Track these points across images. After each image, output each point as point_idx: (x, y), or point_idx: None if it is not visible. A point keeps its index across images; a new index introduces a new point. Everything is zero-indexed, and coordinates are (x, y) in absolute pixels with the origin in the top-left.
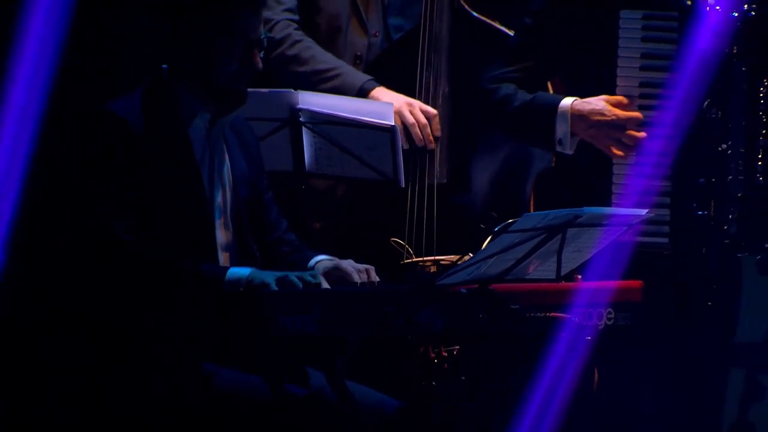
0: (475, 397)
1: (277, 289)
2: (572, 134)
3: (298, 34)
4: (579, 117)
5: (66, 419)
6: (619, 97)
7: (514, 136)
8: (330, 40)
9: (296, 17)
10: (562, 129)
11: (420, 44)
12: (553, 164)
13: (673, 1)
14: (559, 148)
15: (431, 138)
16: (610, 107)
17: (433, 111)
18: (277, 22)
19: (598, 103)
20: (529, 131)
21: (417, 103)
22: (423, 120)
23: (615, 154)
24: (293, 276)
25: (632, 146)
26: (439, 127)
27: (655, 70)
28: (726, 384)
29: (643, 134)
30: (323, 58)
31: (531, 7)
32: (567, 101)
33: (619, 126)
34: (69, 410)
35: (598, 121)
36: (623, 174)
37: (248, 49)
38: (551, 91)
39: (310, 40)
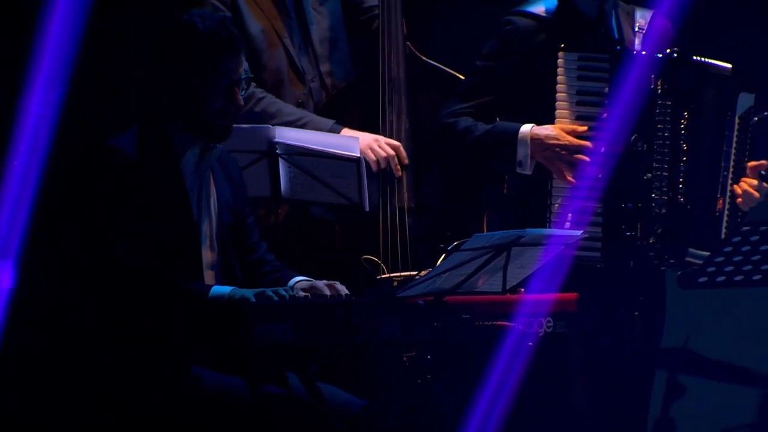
0: (431, 396)
1: (275, 298)
2: (531, 157)
3: (260, 92)
4: (537, 141)
5: (68, 418)
6: (573, 126)
7: (478, 161)
8: (276, 93)
9: (251, 75)
10: (522, 152)
11: (381, 86)
12: (505, 191)
13: (605, 45)
14: (519, 169)
15: (398, 167)
16: (564, 134)
17: (396, 143)
18: None
19: (553, 129)
20: (492, 155)
21: (382, 138)
22: (390, 152)
23: (564, 175)
24: (269, 291)
25: (579, 169)
26: (405, 154)
27: (589, 105)
28: (651, 384)
29: (587, 159)
30: (288, 110)
31: (482, 51)
32: (526, 127)
33: (571, 150)
34: (71, 409)
35: (554, 144)
36: (561, 197)
37: (230, 88)
38: None
39: (270, 95)
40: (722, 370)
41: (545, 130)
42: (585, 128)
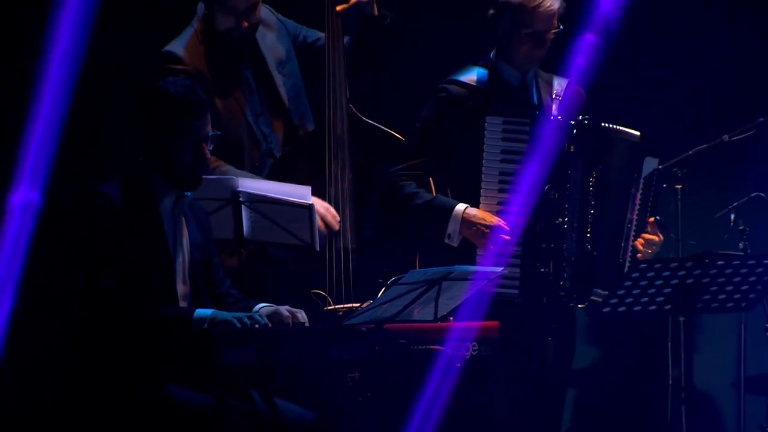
0: (373, 409)
1: (238, 325)
2: (459, 232)
3: (221, 164)
4: (467, 221)
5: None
6: (497, 219)
7: (414, 224)
8: (236, 157)
9: (218, 133)
10: (452, 227)
11: (327, 143)
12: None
13: (526, 110)
14: (447, 241)
15: (338, 226)
16: (488, 216)
17: (336, 217)
18: None
19: (479, 212)
20: (427, 224)
21: (328, 205)
22: (335, 214)
23: (484, 247)
24: (245, 316)
25: (495, 242)
26: (339, 218)
27: (511, 163)
28: (564, 399)
29: (507, 237)
30: (241, 176)
31: (419, 114)
32: (460, 207)
33: (492, 229)
34: (63, 418)
35: (479, 223)
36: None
37: (198, 144)
38: (432, 185)
39: (226, 164)
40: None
41: (474, 211)
42: (507, 229)
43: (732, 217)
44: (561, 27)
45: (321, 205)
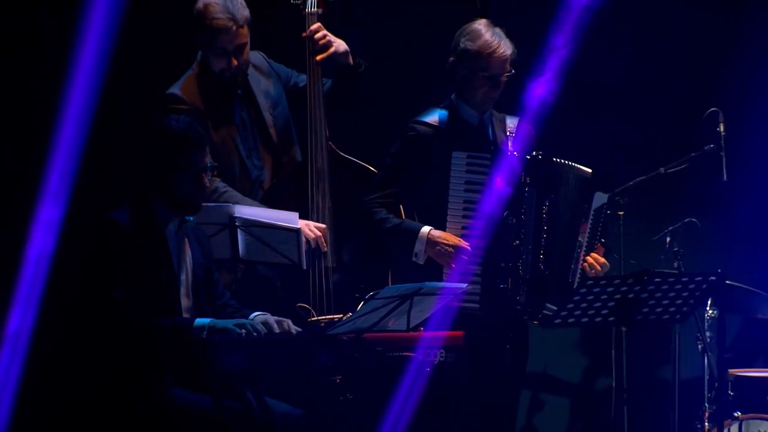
0: (353, 408)
1: (237, 331)
2: (424, 252)
3: (222, 186)
4: (431, 241)
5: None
6: (458, 239)
7: (386, 245)
8: (231, 185)
9: (216, 164)
10: (418, 247)
11: (309, 175)
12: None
13: (485, 146)
14: (414, 259)
15: (324, 244)
16: (451, 237)
17: (323, 226)
18: None
19: (443, 234)
20: (396, 245)
21: (312, 223)
22: (318, 233)
23: (447, 266)
24: (244, 322)
25: (457, 262)
26: (327, 234)
27: (474, 192)
28: (518, 400)
29: (466, 258)
30: (241, 199)
31: (390, 150)
32: (425, 229)
33: (453, 249)
34: (78, 415)
35: (443, 243)
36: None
37: (198, 175)
38: (402, 212)
39: (230, 188)
40: (572, 389)
41: (438, 233)
42: (467, 245)
43: (668, 239)
44: (513, 71)
45: (304, 224)
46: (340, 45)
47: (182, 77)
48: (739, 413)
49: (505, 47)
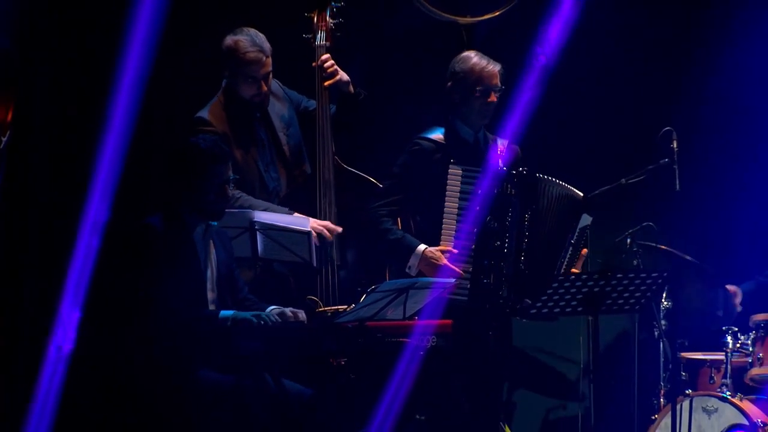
0: (357, 387)
1: (255, 321)
2: (417, 266)
3: (237, 192)
4: (424, 258)
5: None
6: (444, 259)
7: (383, 253)
8: (252, 195)
9: (237, 177)
10: (413, 261)
11: (317, 185)
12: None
13: (478, 162)
14: (407, 271)
15: (330, 235)
16: (440, 255)
17: (327, 222)
18: None
19: (436, 251)
20: (395, 256)
21: (325, 222)
22: (321, 228)
23: (433, 276)
24: (261, 314)
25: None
26: (335, 228)
27: (466, 201)
28: (502, 380)
29: (455, 268)
30: (257, 203)
31: (396, 161)
32: (421, 247)
33: (441, 263)
34: (120, 396)
35: (434, 261)
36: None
37: (221, 186)
38: (399, 223)
39: (244, 194)
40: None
41: (431, 250)
42: (456, 251)
43: (628, 241)
44: (503, 87)
45: (314, 221)
46: (343, 75)
47: (209, 103)
48: (690, 391)
49: (493, 64)
